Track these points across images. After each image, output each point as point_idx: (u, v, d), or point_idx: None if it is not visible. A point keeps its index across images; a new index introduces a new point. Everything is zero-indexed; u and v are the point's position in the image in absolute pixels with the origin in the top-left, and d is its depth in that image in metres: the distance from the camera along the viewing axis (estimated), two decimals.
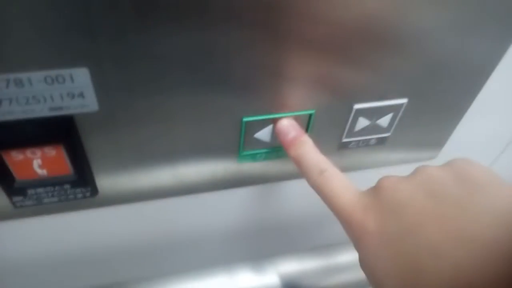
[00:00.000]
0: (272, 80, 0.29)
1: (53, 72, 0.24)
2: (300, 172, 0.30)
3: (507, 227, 0.18)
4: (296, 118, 0.32)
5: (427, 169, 0.24)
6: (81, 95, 0.25)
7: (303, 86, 0.30)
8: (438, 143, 0.41)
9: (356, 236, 0.24)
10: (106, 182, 0.32)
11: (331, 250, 0.24)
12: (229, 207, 0.41)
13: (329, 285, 0.38)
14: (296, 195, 0.40)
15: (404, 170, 0.43)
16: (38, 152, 0.28)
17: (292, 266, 0.40)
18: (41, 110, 0.25)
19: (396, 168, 0.42)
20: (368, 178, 0.42)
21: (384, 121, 0.35)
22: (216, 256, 0.45)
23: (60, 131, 0.27)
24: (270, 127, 0.32)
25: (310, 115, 0.32)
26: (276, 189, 0.40)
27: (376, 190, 0.25)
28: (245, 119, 0.31)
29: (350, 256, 0.39)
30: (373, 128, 0.35)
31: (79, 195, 0.32)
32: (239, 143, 0.33)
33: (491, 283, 0.17)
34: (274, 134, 0.33)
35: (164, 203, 0.36)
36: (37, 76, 0.24)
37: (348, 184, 0.27)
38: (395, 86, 0.33)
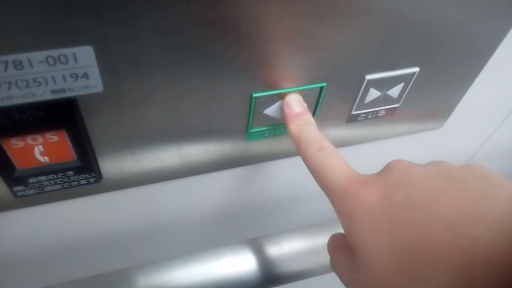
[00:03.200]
0: (281, 54, 0.28)
1: (55, 52, 0.22)
2: (297, 147, 0.29)
3: None
4: (307, 92, 0.31)
5: (445, 162, 0.22)
6: (85, 75, 0.23)
7: (313, 58, 0.29)
8: (444, 113, 0.40)
9: (350, 210, 0.22)
10: (110, 166, 0.31)
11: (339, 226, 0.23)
12: (236, 186, 0.40)
13: None
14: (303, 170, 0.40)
15: (411, 139, 0.42)
16: (40, 138, 0.26)
17: (301, 242, 0.39)
18: (42, 94, 0.23)
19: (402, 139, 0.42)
20: (375, 150, 0.41)
21: (394, 91, 0.34)
22: (223, 235, 0.44)
23: (62, 115, 0.25)
24: (279, 103, 0.31)
25: (321, 88, 0.31)
26: (283, 165, 0.39)
27: (383, 170, 0.23)
28: (254, 95, 0.30)
29: None
30: (383, 99, 0.34)
31: (83, 181, 0.30)
32: (248, 120, 0.32)
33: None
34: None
35: (171, 185, 0.35)
36: (37, 56, 0.22)
37: (348, 164, 0.25)
38: (406, 55, 0.32)
